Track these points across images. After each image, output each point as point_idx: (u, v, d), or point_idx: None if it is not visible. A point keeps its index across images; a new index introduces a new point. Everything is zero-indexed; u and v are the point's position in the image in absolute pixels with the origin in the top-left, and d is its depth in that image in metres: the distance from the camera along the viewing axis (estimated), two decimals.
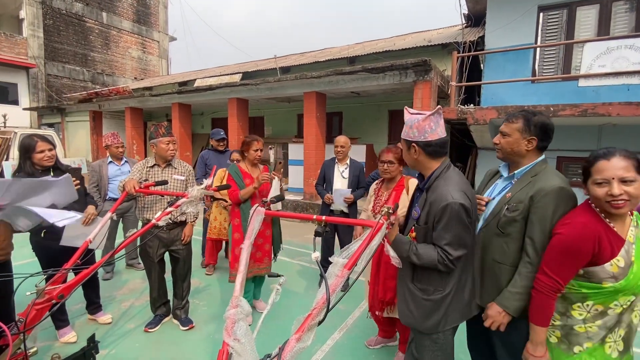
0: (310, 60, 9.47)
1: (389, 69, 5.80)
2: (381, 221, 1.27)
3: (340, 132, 9.33)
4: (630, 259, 1.18)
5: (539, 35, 6.00)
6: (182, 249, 2.67)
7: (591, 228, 1.21)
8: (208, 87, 8.29)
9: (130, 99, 10.32)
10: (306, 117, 7.03)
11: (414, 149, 1.48)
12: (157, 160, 2.62)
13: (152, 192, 2.29)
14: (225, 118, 9.44)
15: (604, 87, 5.14)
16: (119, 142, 3.67)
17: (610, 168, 1.18)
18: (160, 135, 2.54)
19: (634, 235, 1.21)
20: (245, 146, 2.80)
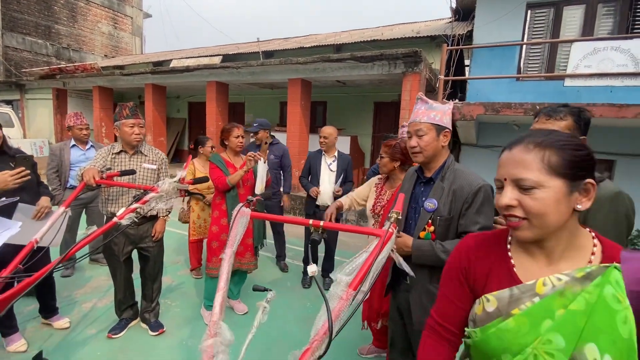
0: (295, 45, 9.13)
1: (378, 59, 5.61)
2: (391, 229, 1.08)
3: (324, 122, 9.12)
4: (511, 310, 0.75)
5: (525, 33, 5.99)
6: (152, 247, 2.43)
7: (465, 250, 0.86)
8: (185, 68, 7.85)
9: (99, 78, 9.62)
10: (290, 105, 6.78)
11: (446, 136, 1.51)
12: (124, 146, 2.32)
13: (115, 183, 2.00)
14: (203, 102, 9.02)
15: (586, 88, 5.20)
16: (82, 124, 3.29)
17: (505, 163, 0.76)
18: (124, 117, 2.26)
19: (554, 288, 0.72)
20: (225, 134, 2.65)
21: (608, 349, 0.65)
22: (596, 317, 0.67)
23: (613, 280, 0.68)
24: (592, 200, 0.73)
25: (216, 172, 2.59)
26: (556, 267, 0.76)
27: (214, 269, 2.64)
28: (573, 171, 0.72)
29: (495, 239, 0.85)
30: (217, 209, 2.66)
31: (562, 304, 0.70)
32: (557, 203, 0.72)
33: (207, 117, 7.99)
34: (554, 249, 0.75)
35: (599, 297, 0.68)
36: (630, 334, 0.65)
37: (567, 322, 0.69)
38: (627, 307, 0.65)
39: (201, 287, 3.19)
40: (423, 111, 1.50)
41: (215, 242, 2.63)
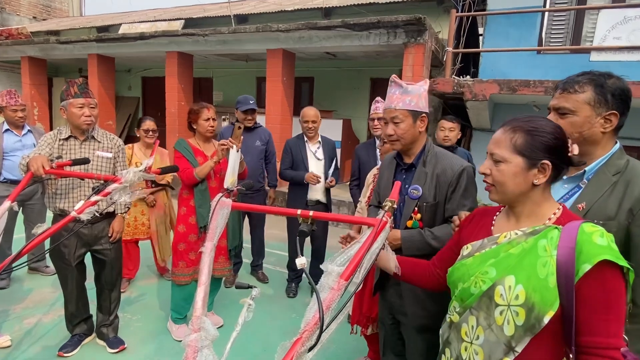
0: (275, 8, 9.16)
1: (374, 27, 5.75)
2: (385, 218, 1.24)
3: (311, 102, 9.22)
4: (475, 252, 1.16)
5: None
6: (109, 249, 2.52)
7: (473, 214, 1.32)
8: (139, 36, 7.80)
9: (29, 46, 9.43)
10: (269, 82, 6.85)
11: (423, 121, 1.69)
12: (73, 131, 2.40)
13: (68, 174, 2.09)
14: (161, 77, 8.96)
15: (616, 63, 5.48)
16: (17, 104, 3.32)
17: (491, 140, 1.15)
18: (72, 96, 2.32)
19: (509, 239, 1.10)
20: (193, 115, 2.73)
21: (522, 281, 1.01)
22: (524, 259, 1.04)
23: (549, 236, 1.03)
24: (547, 177, 1.07)
25: (182, 162, 2.66)
26: (520, 226, 1.12)
27: (182, 275, 2.75)
28: (532, 152, 1.07)
29: (492, 209, 1.28)
30: (184, 205, 2.74)
31: (506, 249, 1.09)
32: (515, 176, 1.09)
33: (166, 96, 7.98)
34: (521, 213, 1.13)
35: (533, 245, 1.04)
36: (547, 276, 0.98)
37: (503, 260, 1.08)
38: (550, 256, 1.00)
39: (166, 298, 3.30)
40: (397, 96, 1.68)
41: (182, 244, 2.73)
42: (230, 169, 2.65)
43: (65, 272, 2.46)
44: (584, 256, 0.97)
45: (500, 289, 1.05)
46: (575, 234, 0.99)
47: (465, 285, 1.13)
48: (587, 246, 0.97)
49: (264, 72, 7.11)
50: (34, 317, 2.95)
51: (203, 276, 1.17)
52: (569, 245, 0.99)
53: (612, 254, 0.96)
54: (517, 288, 1.02)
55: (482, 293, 1.08)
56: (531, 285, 1.00)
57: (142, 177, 1.82)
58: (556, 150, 1.07)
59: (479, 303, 1.10)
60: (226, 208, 1.37)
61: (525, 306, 1.00)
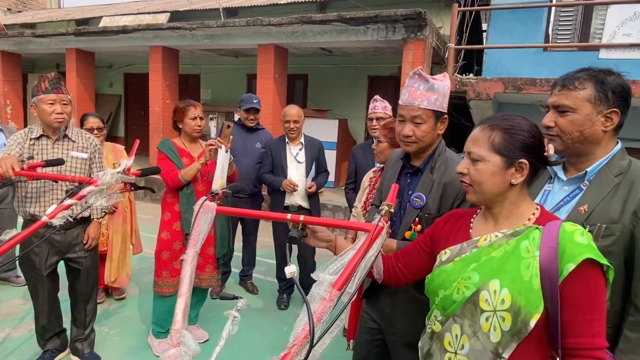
0: (266, 1, 9.19)
1: (372, 21, 5.78)
2: (381, 223, 1.22)
3: (305, 100, 9.23)
4: (455, 257, 1.17)
5: None
6: (83, 257, 2.50)
7: (446, 216, 1.34)
8: (121, 29, 7.78)
9: (2, 40, 9.38)
10: (260, 79, 6.85)
11: (444, 123, 1.61)
12: (45, 130, 2.37)
13: (40, 175, 2.06)
14: (144, 74, 8.94)
15: (626, 62, 5.54)
16: None
17: (469, 138, 1.18)
18: (42, 92, 2.29)
19: (490, 241, 1.12)
20: (179, 114, 2.74)
21: (507, 284, 1.04)
22: (507, 262, 1.06)
23: (531, 237, 1.06)
24: (525, 177, 1.11)
25: (166, 163, 2.65)
26: (499, 227, 1.15)
27: (165, 286, 2.72)
28: (510, 151, 1.10)
29: (469, 211, 1.29)
30: (168, 210, 2.73)
31: (488, 252, 1.11)
32: (492, 175, 1.12)
33: (150, 93, 7.95)
34: (499, 214, 1.17)
35: (515, 247, 1.07)
36: (531, 278, 1.01)
37: (486, 264, 1.09)
38: (533, 257, 1.03)
39: (148, 310, 3.26)
40: (422, 92, 1.54)
41: (165, 253, 2.71)
42: (218, 171, 2.63)
43: (36, 282, 2.42)
44: (567, 256, 1.00)
45: (486, 294, 1.06)
46: (557, 234, 1.03)
47: (447, 293, 1.14)
48: (569, 245, 1.00)
49: (254, 68, 7.11)
50: (2, 331, 2.91)
51: (184, 286, 1.15)
52: (551, 245, 1.02)
53: (594, 252, 1.00)
54: (503, 292, 1.04)
55: (466, 299, 1.09)
56: (516, 288, 1.02)
57: (120, 179, 1.80)
58: (533, 149, 1.11)
59: (462, 310, 1.11)
60: (210, 212, 1.35)
61: (512, 310, 1.02)
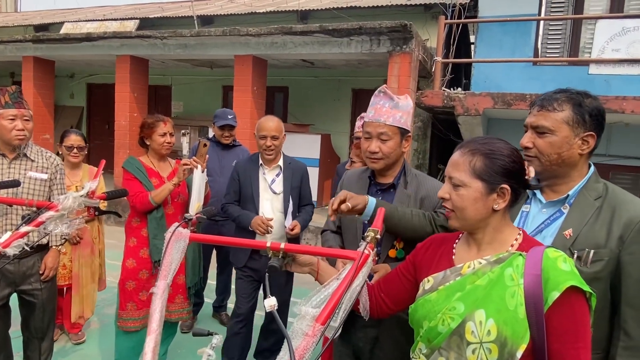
0: (244, 10, 9.30)
1: (356, 33, 5.91)
2: (367, 251, 1.24)
3: (285, 114, 9.28)
4: (439, 285, 1.19)
5: (543, 6, 6.59)
6: (39, 289, 2.43)
7: (429, 241, 1.36)
8: (85, 37, 7.74)
9: None
10: (237, 91, 6.88)
11: (408, 141, 1.76)
12: (1, 148, 2.35)
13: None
14: (109, 84, 8.87)
15: (616, 77, 5.82)
16: None
17: (449, 162, 1.21)
18: (2, 106, 2.27)
19: (474, 269, 1.16)
20: (147, 130, 2.71)
21: (493, 314, 1.06)
22: (492, 291, 1.09)
23: (515, 264, 1.10)
24: (507, 202, 1.15)
25: (134, 184, 2.62)
26: (483, 254, 1.19)
27: (130, 320, 2.65)
28: (492, 176, 1.14)
29: (451, 236, 1.32)
30: (133, 235, 2.68)
31: (472, 281, 1.14)
32: (475, 201, 1.15)
33: (116, 106, 7.87)
34: (482, 240, 1.20)
35: (499, 275, 1.10)
36: (516, 307, 1.04)
37: (470, 294, 1.12)
38: (518, 285, 1.06)
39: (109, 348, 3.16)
40: (388, 110, 1.71)
41: (131, 283, 2.65)
42: (195, 193, 2.61)
43: None
44: (551, 283, 1.04)
45: (471, 325, 1.08)
46: (540, 260, 1.07)
47: (432, 324, 1.15)
48: (553, 272, 1.05)
49: (231, 80, 7.14)
50: None
51: (154, 323, 1.13)
52: (534, 272, 1.05)
53: (577, 279, 1.04)
54: (489, 323, 1.06)
55: (451, 331, 1.11)
56: (502, 319, 1.06)
57: (83, 203, 1.76)
58: (514, 174, 1.16)
59: (448, 342, 1.12)
60: (183, 240, 1.33)
61: (498, 341, 1.05)
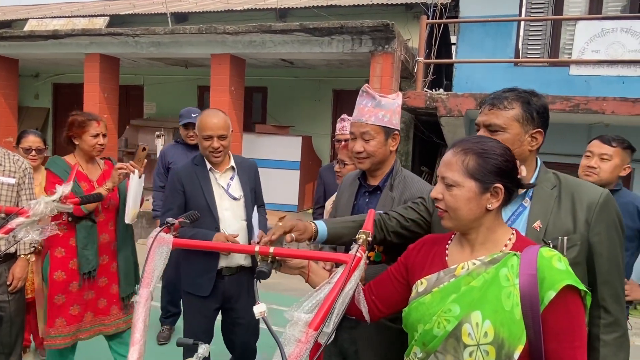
0: (220, 7, 9.25)
1: (337, 32, 5.95)
2: (359, 254, 1.25)
3: (264, 115, 9.26)
4: (433, 289, 1.20)
5: (523, 6, 6.78)
6: (7, 301, 2.39)
7: (421, 242, 1.37)
8: (51, 34, 7.58)
9: None
10: (215, 91, 6.84)
11: (395, 139, 1.79)
12: None
13: None
14: (77, 84, 8.67)
15: (596, 78, 6.02)
16: None
17: (442, 162, 1.24)
18: None
19: (468, 270, 1.17)
20: (77, 129, 2.51)
21: (489, 316, 1.07)
22: (488, 292, 1.10)
23: (510, 264, 1.12)
24: (500, 202, 1.17)
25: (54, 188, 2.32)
26: (476, 254, 1.20)
27: (59, 337, 2.46)
28: (485, 176, 1.16)
29: (443, 237, 1.34)
30: (60, 244, 2.47)
31: (467, 282, 1.15)
32: (468, 201, 1.17)
33: (85, 107, 7.68)
34: (475, 240, 1.22)
35: (494, 276, 1.12)
36: (512, 308, 1.06)
37: (466, 295, 1.13)
38: (513, 285, 1.08)
39: None
40: (370, 109, 1.75)
41: (60, 297, 2.45)
42: (131, 200, 2.49)
43: None
44: (547, 283, 1.06)
45: (468, 327, 1.09)
46: (535, 260, 1.09)
47: (427, 327, 1.16)
48: (548, 272, 1.07)
49: (206, 80, 7.09)
50: None
51: (137, 333, 1.11)
52: (530, 272, 1.08)
53: (573, 278, 1.07)
54: (485, 324, 1.08)
55: (447, 334, 1.12)
56: (499, 320, 1.07)
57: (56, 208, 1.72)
58: (507, 173, 1.18)
59: (444, 346, 1.13)
60: (166, 246, 1.32)
61: (495, 343, 1.06)
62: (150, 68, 9.46)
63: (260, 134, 7.84)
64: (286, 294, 4.56)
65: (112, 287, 2.64)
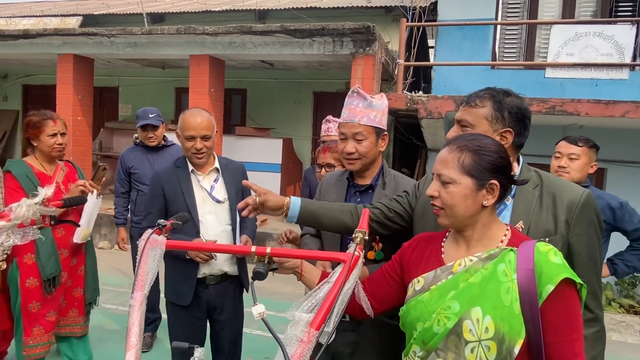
0: (198, 7, 9.18)
1: (318, 34, 5.96)
2: (357, 252, 1.25)
3: (244, 117, 9.21)
4: (431, 286, 1.21)
5: (499, 10, 6.94)
6: None
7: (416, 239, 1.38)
8: (22, 34, 7.37)
9: None
10: (193, 93, 6.77)
11: (384, 140, 1.82)
12: None
13: None
14: (50, 86, 8.43)
15: (571, 81, 6.20)
16: None
17: (437, 160, 1.25)
18: None
19: (465, 267, 1.18)
20: (33, 129, 2.49)
21: (490, 311, 1.09)
22: (487, 287, 1.12)
23: (507, 259, 1.14)
24: (496, 198, 1.19)
25: (18, 196, 2.19)
26: (472, 251, 1.22)
27: (38, 346, 2.42)
28: (481, 173, 1.17)
29: (438, 235, 1.35)
30: (29, 251, 2.39)
31: (465, 279, 1.16)
32: (465, 198, 1.18)
33: (57, 109, 7.48)
34: (471, 237, 1.23)
35: (493, 272, 1.13)
36: (511, 303, 1.08)
37: (465, 292, 1.14)
38: (512, 280, 1.10)
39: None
40: (362, 109, 1.76)
41: (35, 304, 2.40)
42: (85, 219, 2.45)
43: None
44: (544, 277, 1.08)
45: (469, 324, 1.11)
46: (532, 255, 1.11)
47: (426, 325, 1.17)
48: (546, 266, 1.09)
49: (184, 81, 7.01)
50: None
51: (133, 337, 1.08)
52: (527, 267, 1.10)
53: (569, 271, 1.10)
54: (486, 320, 1.09)
55: (448, 331, 1.13)
56: (499, 315, 1.09)
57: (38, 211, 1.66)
58: (502, 169, 1.20)
59: (445, 343, 1.14)
60: (159, 248, 1.29)
61: (496, 338, 1.08)
62: (126, 69, 9.30)
63: (240, 136, 7.78)
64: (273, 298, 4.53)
65: (76, 290, 2.63)
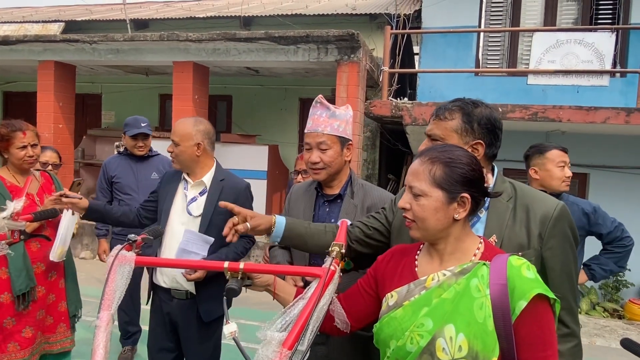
0: (183, 14, 9.14)
1: (303, 41, 5.97)
2: (333, 267, 1.22)
3: (229, 124, 9.16)
4: (404, 302, 1.18)
5: (482, 18, 7.04)
6: None
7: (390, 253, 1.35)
8: (1, 40, 7.28)
9: None
10: (177, 100, 6.73)
11: (350, 149, 1.84)
12: None
13: None
14: (30, 93, 8.30)
15: (552, 87, 6.30)
16: None
17: (409, 171, 1.23)
18: None
19: (438, 282, 1.16)
20: (1, 142, 2.39)
21: (463, 329, 1.06)
22: (459, 303, 1.09)
23: (480, 274, 1.11)
24: (467, 212, 1.17)
25: None
26: (446, 265, 1.19)
27: None
28: (452, 185, 1.15)
29: (411, 247, 1.32)
30: (2, 265, 2.33)
31: (439, 294, 1.13)
32: (436, 211, 1.15)
33: (38, 116, 7.39)
34: (444, 250, 1.21)
35: (465, 287, 1.11)
36: (485, 319, 1.05)
37: (438, 308, 1.11)
38: (485, 296, 1.07)
39: None
40: (325, 119, 1.78)
41: (10, 320, 2.32)
42: (61, 237, 2.37)
43: None
44: (517, 292, 1.06)
45: (442, 342, 1.07)
46: (505, 269, 1.09)
47: (399, 343, 1.14)
48: (518, 281, 1.07)
49: (168, 88, 6.95)
50: None
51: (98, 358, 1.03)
52: (500, 282, 1.08)
53: (542, 286, 1.08)
54: (459, 338, 1.06)
55: (421, 350, 1.10)
56: (472, 332, 1.06)
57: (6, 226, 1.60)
58: (474, 182, 1.18)
59: None
60: (128, 265, 1.24)
61: (470, 357, 1.05)
62: (109, 76, 9.21)
63: (225, 143, 7.72)
64: (255, 307, 4.47)
65: (60, 304, 2.56)
